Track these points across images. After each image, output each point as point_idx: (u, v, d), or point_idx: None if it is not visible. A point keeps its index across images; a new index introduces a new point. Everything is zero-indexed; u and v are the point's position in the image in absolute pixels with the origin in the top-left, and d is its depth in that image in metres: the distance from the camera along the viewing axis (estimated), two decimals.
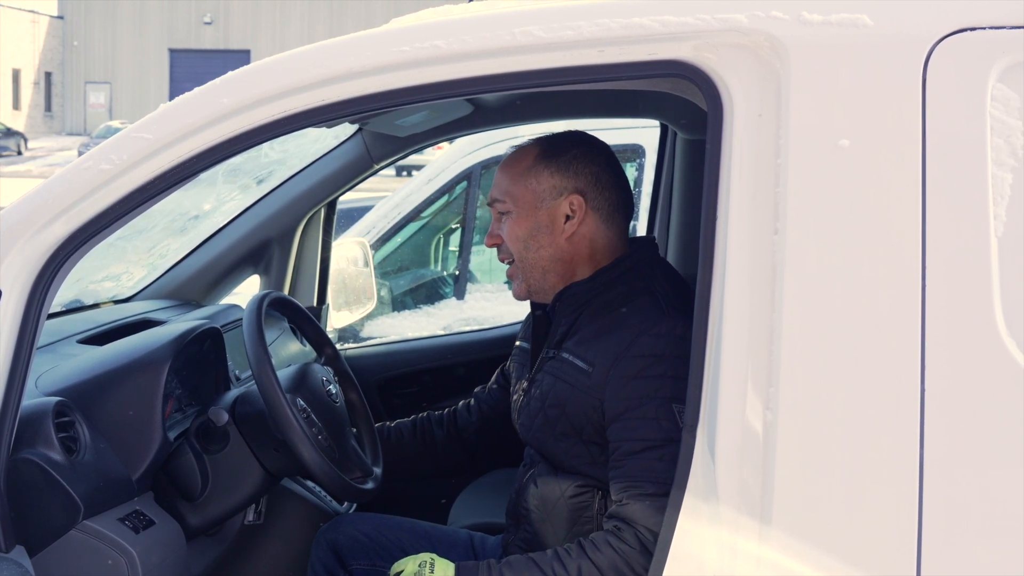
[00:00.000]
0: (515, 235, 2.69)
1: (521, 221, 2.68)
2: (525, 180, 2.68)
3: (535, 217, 2.67)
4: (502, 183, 2.72)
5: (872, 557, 1.91)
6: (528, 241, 2.68)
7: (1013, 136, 1.90)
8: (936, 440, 1.88)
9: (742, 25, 1.96)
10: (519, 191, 2.68)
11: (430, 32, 2.05)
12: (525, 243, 2.69)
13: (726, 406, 1.96)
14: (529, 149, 2.73)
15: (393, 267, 7.35)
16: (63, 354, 2.91)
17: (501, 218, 2.72)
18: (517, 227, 2.68)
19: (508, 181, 2.70)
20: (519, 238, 2.69)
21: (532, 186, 2.67)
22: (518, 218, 2.68)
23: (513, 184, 2.69)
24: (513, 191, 2.69)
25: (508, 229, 2.70)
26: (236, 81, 2.12)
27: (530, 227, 2.68)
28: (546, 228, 2.67)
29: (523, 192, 2.68)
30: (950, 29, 1.92)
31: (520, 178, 2.69)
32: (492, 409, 3.17)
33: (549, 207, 2.67)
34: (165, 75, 54.69)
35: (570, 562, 2.40)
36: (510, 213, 2.69)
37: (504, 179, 2.71)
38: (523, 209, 2.68)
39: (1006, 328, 1.89)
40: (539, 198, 2.67)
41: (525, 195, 2.67)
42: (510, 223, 2.69)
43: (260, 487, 2.82)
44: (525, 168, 2.69)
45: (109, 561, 2.35)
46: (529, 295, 2.75)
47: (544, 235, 2.68)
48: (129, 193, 2.12)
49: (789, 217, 1.92)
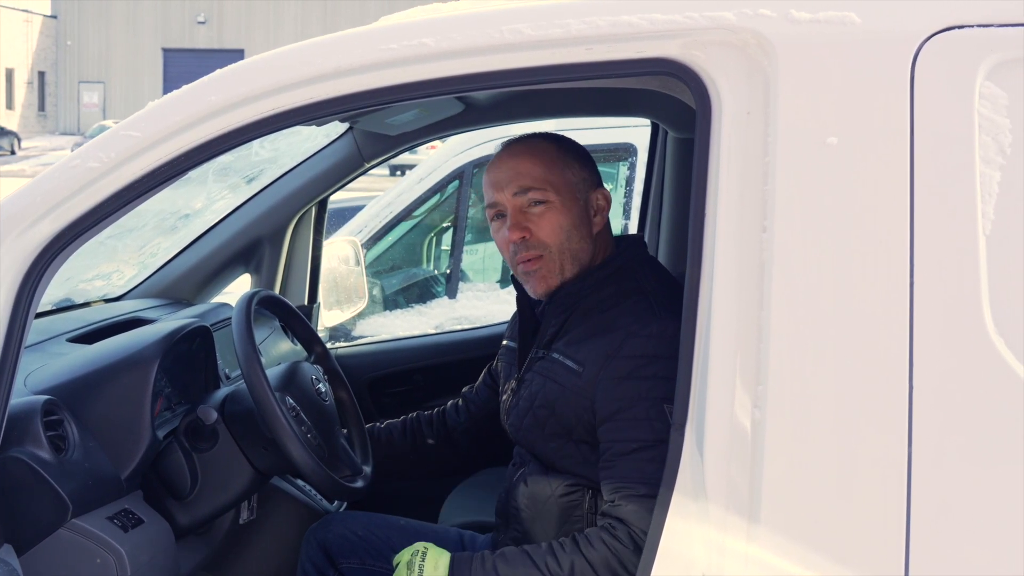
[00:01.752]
0: (558, 225, 2.62)
1: (565, 210, 2.63)
2: (561, 170, 2.64)
3: (576, 207, 2.64)
4: (535, 171, 2.63)
5: (860, 555, 1.91)
6: (572, 231, 2.63)
7: (1001, 134, 1.90)
8: (924, 438, 1.88)
9: (730, 23, 1.96)
10: (557, 179, 2.63)
11: (418, 30, 2.05)
12: (569, 233, 2.63)
13: (714, 404, 1.96)
14: (544, 142, 2.70)
15: (385, 266, 7.35)
16: (52, 353, 2.90)
17: (530, 208, 2.63)
18: (560, 216, 2.62)
19: (543, 169, 2.63)
20: (562, 228, 2.62)
21: (568, 176, 2.64)
22: (562, 207, 2.62)
23: (550, 173, 2.63)
24: (552, 179, 2.63)
25: (548, 219, 2.62)
26: (224, 79, 2.11)
27: (574, 217, 2.63)
28: (584, 220, 2.65)
29: (561, 181, 2.63)
30: (938, 27, 1.92)
31: (556, 167, 2.64)
32: (480, 409, 3.17)
33: (585, 198, 2.65)
34: (159, 75, 54.64)
35: (563, 557, 2.40)
36: (550, 203, 2.62)
37: (536, 167, 2.64)
38: (565, 198, 2.63)
39: (994, 326, 1.89)
40: (576, 188, 2.65)
41: (565, 184, 2.63)
42: (551, 213, 2.62)
43: (249, 486, 2.81)
44: (554, 157, 2.65)
45: (98, 560, 2.35)
46: (556, 290, 2.67)
47: (584, 227, 2.65)
48: (117, 191, 2.11)
49: (777, 215, 1.91)
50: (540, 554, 2.42)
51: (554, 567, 2.39)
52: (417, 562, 2.48)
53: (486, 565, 2.44)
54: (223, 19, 54.45)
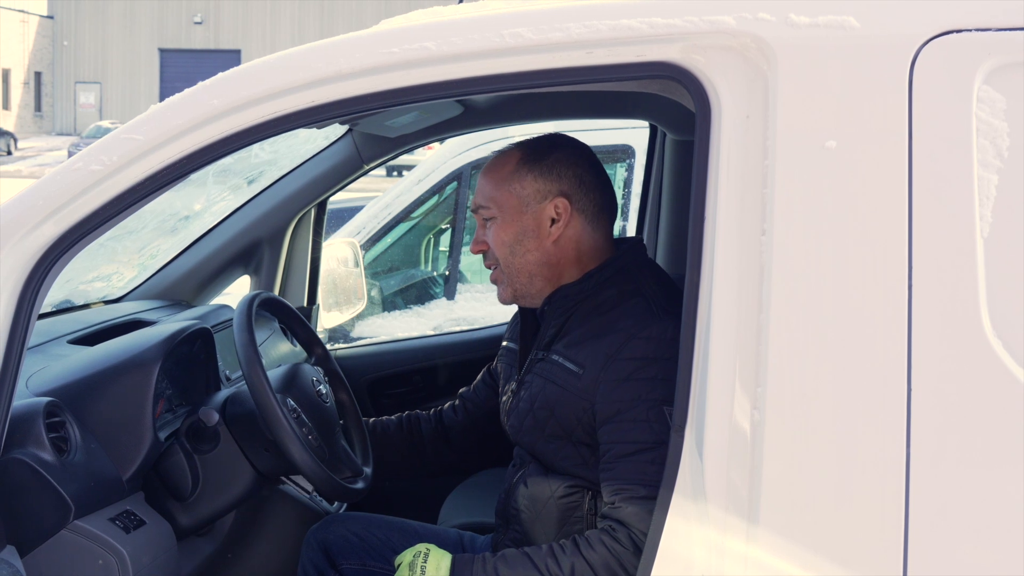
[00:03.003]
0: (501, 240, 2.69)
1: (507, 226, 2.68)
2: (508, 185, 2.68)
3: (521, 222, 2.67)
4: (485, 189, 2.72)
5: (859, 556, 1.92)
6: (514, 246, 2.68)
7: (999, 137, 1.91)
8: (923, 440, 1.89)
9: (730, 27, 1.96)
10: (503, 197, 2.68)
11: (419, 34, 2.06)
12: (511, 248, 2.68)
13: (714, 406, 1.97)
14: (510, 154, 2.73)
15: (384, 267, 7.36)
16: (54, 354, 2.91)
17: (486, 224, 2.72)
18: (503, 232, 2.68)
19: (491, 187, 2.70)
20: (505, 243, 2.68)
21: (516, 191, 2.67)
22: (503, 223, 2.68)
23: (496, 190, 2.69)
24: (497, 197, 2.69)
25: (494, 235, 2.69)
26: (226, 83, 2.12)
27: (516, 232, 2.68)
28: (532, 232, 2.68)
29: (507, 197, 2.68)
30: (937, 31, 1.93)
31: (503, 183, 2.69)
32: (478, 408, 3.18)
33: (534, 211, 2.67)
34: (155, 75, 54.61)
35: (564, 559, 2.41)
36: (495, 219, 2.69)
37: (487, 185, 2.71)
38: (508, 214, 2.68)
39: (992, 328, 1.90)
40: (524, 203, 2.67)
41: (509, 200, 2.68)
42: (496, 229, 2.69)
43: (251, 487, 2.82)
44: (508, 173, 2.69)
45: (100, 561, 2.36)
46: (515, 300, 2.75)
47: (530, 239, 2.68)
48: (120, 194, 2.12)
49: (776, 218, 1.92)
50: (540, 556, 2.43)
51: (554, 569, 2.40)
52: (419, 563, 2.49)
53: (487, 567, 2.45)
54: (220, 19, 54.41)
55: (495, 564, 2.45)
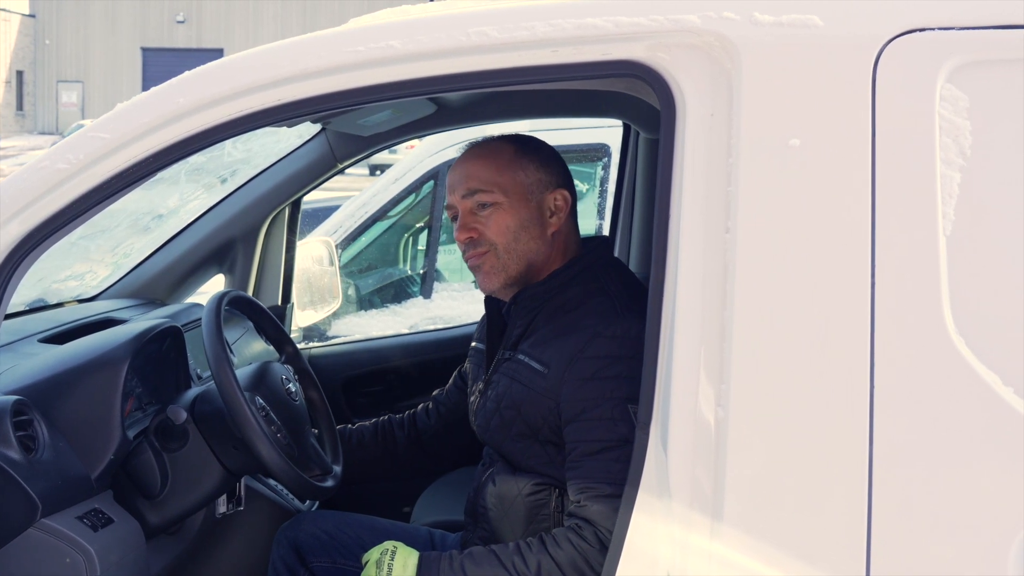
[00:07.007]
0: (504, 226, 2.65)
1: (512, 211, 2.66)
2: (512, 171, 2.67)
3: (527, 208, 2.66)
4: (483, 174, 2.67)
5: (822, 552, 1.93)
6: (519, 232, 2.66)
7: (961, 136, 1.92)
8: (885, 437, 1.90)
9: (694, 26, 1.97)
10: (507, 181, 2.66)
11: (385, 32, 2.06)
12: (516, 234, 2.66)
13: (679, 403, 1.98)
14: (502, 143, 2.73)
15: (360, 266, 7.35)
16: (24, 353, 2.90)
17: (479, 210, 2.67)
18: (507, 217, 2.65)
19: (492, 172, 2.67)
20: (509, 229, 2.65)
21: (520, 177, 2.67)
22: (509, 208, 2.65)
23: (499, 175, 2.67)
24: (501, 181, 2.66)
25: (496, 220, 2.65)
26: (192, 81, 2.12)
27: (522, 218, 2.66)
28: (536, 221, 2.67)
29: (511, 183, 2.66)
30: (900, 30, 1.94)
31: (506, 169, 2.67)
32: (451, 412, 3.18)
33: (538, 200, 2.67)
34: (138, 74, 54.43)
35: (530, 556, 2.41)
36: (498, 204, 2.65)
37: (485, 170, 2.68)
38: (514, 199, 2.66)
39: (954, 326, 1.91)
40: (528, 190, 2.67)
41: (514, 186, 2.66)
42: (498, 214, 2.65)
43: (220, 485, 2.81)
44: (508, 160, 2.68)
45: (67, 559, 2.35)
46: (504, 286, 2.71)
47: (535, 227, 2.67)
48: (86, 192, 2.12)
49: (740, 216, 1.93)
50: (507, 554, 2.44)
51: (521, 567, 2.40)
52: (386, 561, 2.49)
53: (454, 564, 2.46)
54: (202, 18, 54.28)
55: (462, 562, 2.46)
